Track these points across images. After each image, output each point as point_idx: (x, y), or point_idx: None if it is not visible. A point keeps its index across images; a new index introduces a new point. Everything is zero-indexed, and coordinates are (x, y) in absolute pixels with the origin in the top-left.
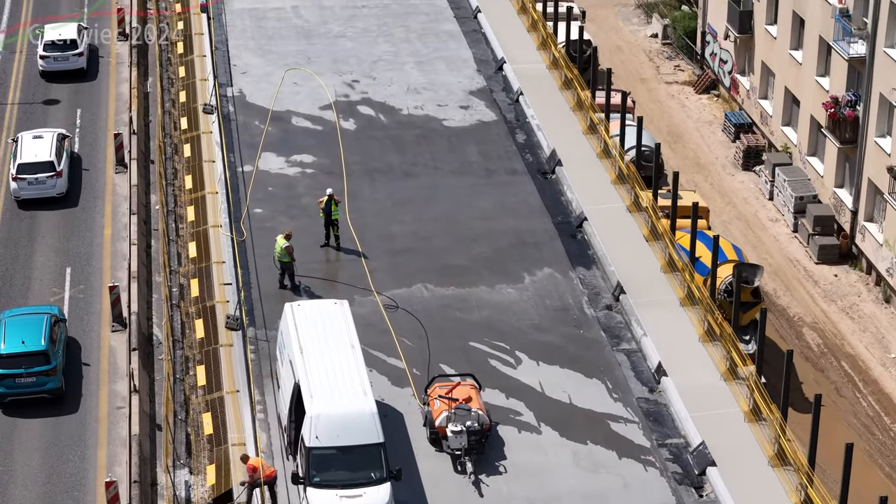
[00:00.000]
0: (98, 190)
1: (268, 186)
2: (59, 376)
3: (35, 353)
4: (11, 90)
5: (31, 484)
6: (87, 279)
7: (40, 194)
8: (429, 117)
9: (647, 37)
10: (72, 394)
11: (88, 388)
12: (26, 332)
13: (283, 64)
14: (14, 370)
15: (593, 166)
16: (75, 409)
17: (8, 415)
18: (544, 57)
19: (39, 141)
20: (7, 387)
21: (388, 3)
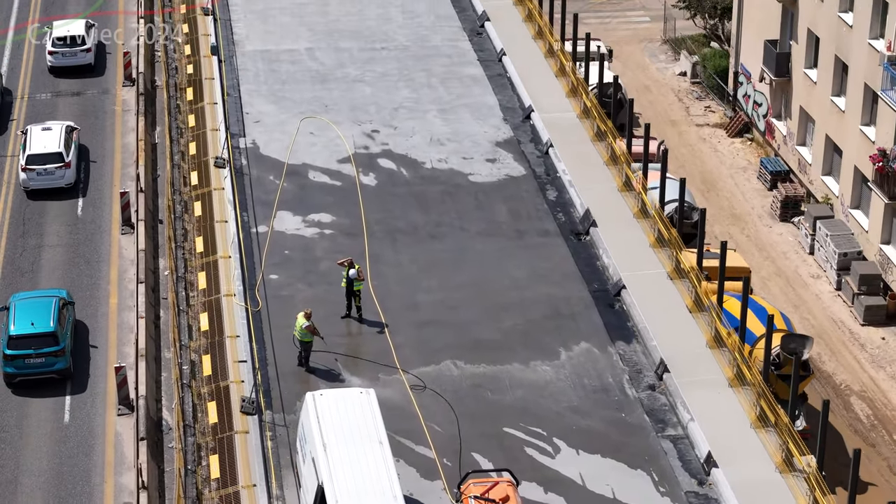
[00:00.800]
0: (103, 253)
1: (284, 249)
2: (67, 357)
3: (44, 334)
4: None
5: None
6: (91, 355)
7: (49, 185)
8: (454, 171)
9: (675, 75)
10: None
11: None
12: (35, 315)
13: (298, 112)
14: (23, 351)
15: (630, 227)
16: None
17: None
18: (574, 105)
19: (48, 133)
20: (17, 367)
21: (407, 44)
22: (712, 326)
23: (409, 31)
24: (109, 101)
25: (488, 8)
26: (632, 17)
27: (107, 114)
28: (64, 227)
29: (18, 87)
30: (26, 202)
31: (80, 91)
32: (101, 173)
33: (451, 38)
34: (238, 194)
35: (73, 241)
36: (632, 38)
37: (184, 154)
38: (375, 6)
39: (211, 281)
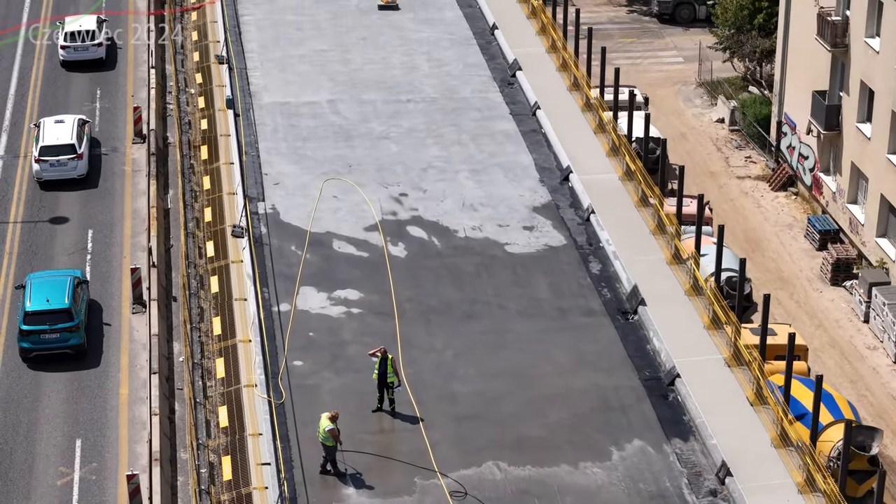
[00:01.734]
0: (113, 337)
1: (308, 331)
2: (81, 333)
3: (59, 310)
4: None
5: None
6: (100, 454)
7: (61, 176)
8: (489, 241)
9: (712, 122)
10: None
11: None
12: (51, 292)
13: (321, 172)
14: (39, 326)
15: (682, 306)
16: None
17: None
18: (616, 166)
19: (61, 125)
20: (32, 342)
21: (435, 96)
22: (778, 424)
23: (436, 81)
24: (118, 161)
25: (520, 56)
26: (664, 57)
27: (115, 175)
28: None
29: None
30: (28, 264)
31: None
32: (109, 243)
33: (480, 89)
34: (258, 267)
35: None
36: (665, 81)
37: (198, 221)
38: (400, 53)
39: (230, 369)
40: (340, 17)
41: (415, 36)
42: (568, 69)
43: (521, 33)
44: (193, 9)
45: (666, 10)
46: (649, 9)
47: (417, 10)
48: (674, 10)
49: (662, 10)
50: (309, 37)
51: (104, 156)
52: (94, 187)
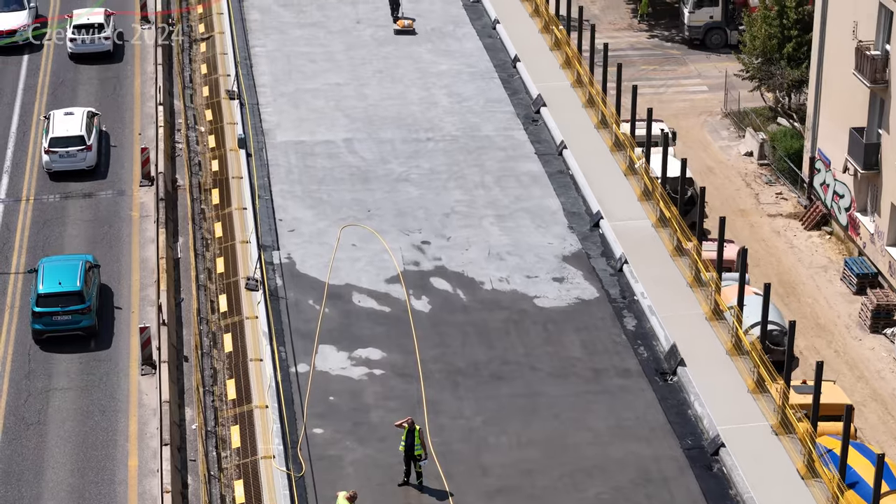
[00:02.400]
0: (120, 400)
1: (328, 395)
2: (92, 315)
3: (71, 293)
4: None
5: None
6: None
7: (71, 167)
8: (517, 294)
9: (740, 155)
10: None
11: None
12: (63, 275)
13: (338, 218)
14: (51, 308)
15: (724, 367)
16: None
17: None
18: (649, 212)
19: (70, 117)
20: (45, 324)
21: (456, 134)
22: (832, 502)
23: (457, 117)
24: (125, 205)
25: (544, 91)
26: (688, 86)
27: (122, 220)
28: (75, 366)
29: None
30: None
31: (91, 192)
32: (117, 296)
33: (504, 126)
34: (273, 324)
35: (86, 384)
36: (689, 111)
37: (210, 272)
38: (419, 87)
39: (246, 438)
40: (355, 47)
41: (434, 68)
42: (595, 105)
43: (544, 66)
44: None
45: (697, 35)
46: (679, 33)
47: (436, 41)
48: (704, 35)
49: (693, 36)
50: (323, 69)
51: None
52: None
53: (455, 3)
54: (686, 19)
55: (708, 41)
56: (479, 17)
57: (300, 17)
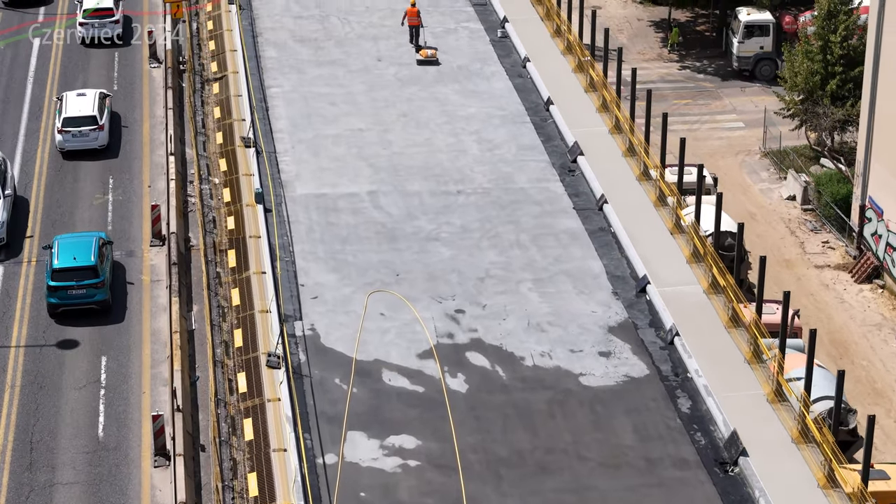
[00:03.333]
0: (131, 497)
1: (359, 491)
2: (106, 289)
3: (85, 267)
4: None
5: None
6: None
7: (83, 146)
8: (561, 371)
9: (782, 199)
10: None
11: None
12: (77, 250)
13: (364, 283)
14: (66, 283)
15: (790, 456)
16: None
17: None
18: (699, 276)
19: (83, 98)
20: (60, 298)
21: (488, 186)
22: None
23: (488, 167)
24: (135, 268)
25: (580, 137)
26: (723, 121)
27: (132, 286)
28: (81, 455)
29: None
30: (33, 401)
31: None
32: (126, 374)
33: (539, 177)
34: (298, 407)
35: (93, 477)
36: (726, 150)
37: (228, 346)
38: (446, 133)
39: None
40: (377, 88)
41: (461, 111)
42: (636, 155)
43: (579, 109)
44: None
45: (746, 65)
46: (711, 64)
47: (463, 81)
48: (754, 67)
49: (742, 66)
50: (344, 113)
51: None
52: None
53: (482, 38)
54: (735, 49)
55: (758, 72)
56: (508, 54)
57: (318, 54)
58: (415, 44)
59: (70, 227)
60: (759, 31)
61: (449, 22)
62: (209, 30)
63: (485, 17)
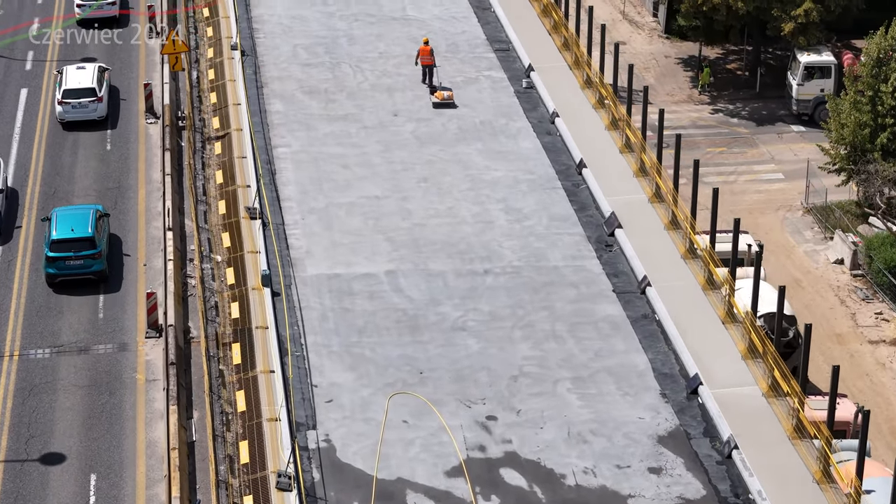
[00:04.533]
0: None
1: None
2: (103, 260)
3: (82, 238)
4: None
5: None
6: None
7: (83, 117)
8: (607, 491)
9: (829, 263)
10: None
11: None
12: (75, 222)
13: (384, 383)
14: (64, 254)
15: None
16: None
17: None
18: (757, 374)
19: (82, 71)
20: (58, 268)
21: (518, 264)
22: None
23: (517, 241)
24: (128, 364)
25: (617, 206)
26: (761, 172)
27: (125, 385)
28: None
29: None
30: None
31: (87, 347)
32: (117, 496)
33: (573, 253)
34: None
35: None
36: (766, 206)
37: (233, 462)
38: (470, 201)
39: None
40: (393, 147)
41: (487, 175)
42: (681, 231)
43: (616, 174)
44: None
45: (805, 109)
46: (743, 108)
47: (487, 139)
48: (814, 110)
49: (801, 110)
50: (358, 177)
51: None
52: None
53: (506, 89)
54: (794, 92)
55: (817, 116)
56: (535, 108)
57: (329, 108)
58: (428, 84)
59: None
60: (820, 73)
61: (469, 70)
62: (210, 79)
63: (508, 64)
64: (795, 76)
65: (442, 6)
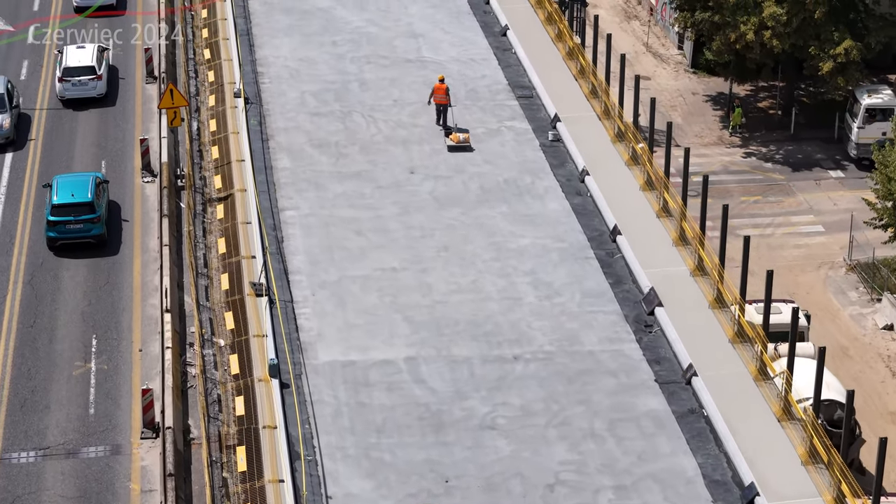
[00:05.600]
0: None
1: None
2: (102, 224)
3: (82, 203)
4: None
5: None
6: None
7: (82, 94)
8: None
9: (877, 328)
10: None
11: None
12: (75, 188)
13: (406, 494)
14: (64, 218)
15: None
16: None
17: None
18: (820, 484)
19: (82, 50)
20: (58, 232)
21: (550, 349)
22: None
23: (548, 322)
24: (121, 471)
25: (657, 280)
26: (799, 224)
27: (118, 496)
28: None
29: None
30: None
31: (75, 450)
32: None
33: (610, 335)
34: None
35: None
36: (806, 262)
37: None
38: (495, 273)
39: None
40: (411, 210)
41: (512, 243)
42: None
43: (654, 242)
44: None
45: (866, 154)
46: (779, 150)
47: (511, 201)
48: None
49: (861, 155)
50: (373, 245)
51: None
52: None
53: (530, 142)
54: (854, 136)
55: None
56: (562, 163)
57: (340, 163)
58: (443, 125)
59: None
60: (882, 115)
61: (490, 120)
62: (212, 131)
63: (532, 113)
64: (855, 118)
65: (460, 47)
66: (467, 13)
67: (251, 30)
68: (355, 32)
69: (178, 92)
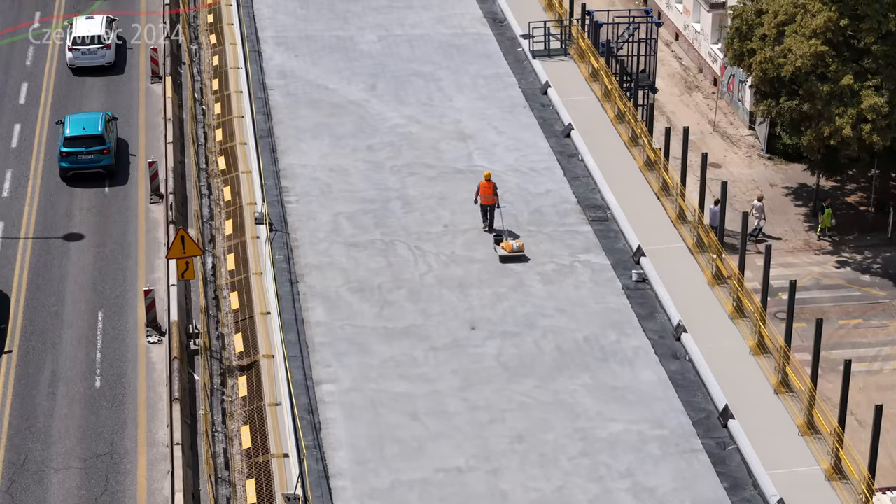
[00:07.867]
0: None
1: None
2: (111, 156)
3: (93, 135)
4: None
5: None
6: None
7: (92, 62)
8: None
9: None
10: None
11: None
12: (86, 122)
13: None
14: (76, 149)
15: None
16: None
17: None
18: None
19: (91, 20)
20: (71, 163)
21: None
22: None
23: None
24: None
25: (783, 487)
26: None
27: None
28: None
29: None
30: None
31: None
32: None
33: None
34: None
35: None
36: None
37: None
38: (584, 475)
39: None
40: (474, 382)
41: (601, 430)
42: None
43: (774, 427)
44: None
45: None
46: (873, 258)
47: (594, 368)
48: None
49: None
50: (431, 435)
51: None
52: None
53: (611, 283)
54: None
55: None
56: (652, 314)
57: (385, 314)
58: (488, 226)
59: None
60: None
61: (562, 253)
62: (230, 270)
63: (609, 242)
64: None
65: (518, 151)
66: (522, 106)
67: (272, 128)
68: (394, 133)
69: (189, 239)
